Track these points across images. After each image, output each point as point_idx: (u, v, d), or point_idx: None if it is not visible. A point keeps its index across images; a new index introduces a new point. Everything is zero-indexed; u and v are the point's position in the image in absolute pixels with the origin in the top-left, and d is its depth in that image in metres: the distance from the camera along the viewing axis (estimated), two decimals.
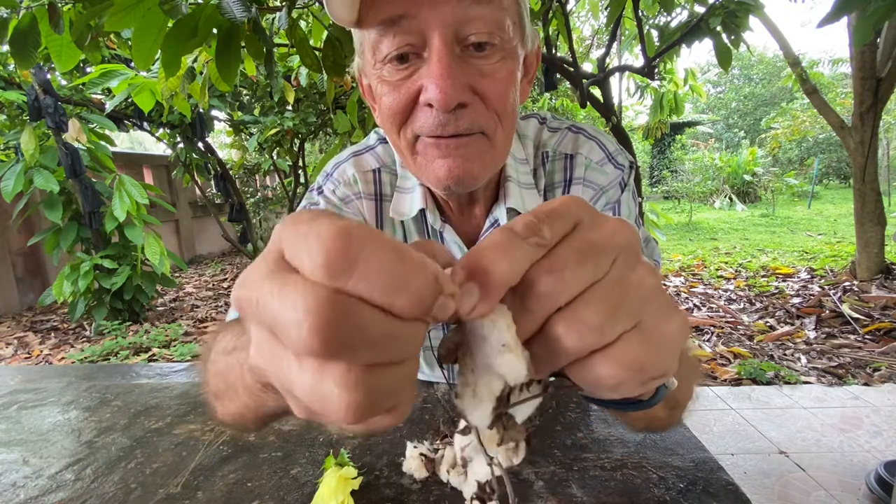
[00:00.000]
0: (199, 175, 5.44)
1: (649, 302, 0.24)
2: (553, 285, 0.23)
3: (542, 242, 0.23)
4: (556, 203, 0.25)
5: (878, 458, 1.76)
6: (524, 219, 0.24)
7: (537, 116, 0.72)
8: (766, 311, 3.48)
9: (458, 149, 0.53)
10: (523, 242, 0.23)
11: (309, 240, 0.18)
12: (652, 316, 0.24)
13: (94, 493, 0.60)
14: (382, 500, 0.56)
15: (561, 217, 0.24)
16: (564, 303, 0.23)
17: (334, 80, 1.90)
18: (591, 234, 0.24)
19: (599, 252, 0.24)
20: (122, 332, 3.70)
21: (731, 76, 25.05)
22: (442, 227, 0.67)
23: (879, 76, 3.48)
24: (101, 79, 2.17)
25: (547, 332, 0.24)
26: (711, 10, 2.41)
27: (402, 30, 0.48)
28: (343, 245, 0.18)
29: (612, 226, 0.25)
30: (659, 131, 5.03)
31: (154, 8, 1.09)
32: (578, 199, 0.26)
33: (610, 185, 0.66)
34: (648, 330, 0.24)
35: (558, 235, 0.24)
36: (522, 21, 0.54)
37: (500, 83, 0.51)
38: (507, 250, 0.22)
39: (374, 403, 0.19)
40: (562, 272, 0.23)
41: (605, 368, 0.24)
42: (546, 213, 0.24)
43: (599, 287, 0.23)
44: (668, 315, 0.25)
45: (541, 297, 0.23)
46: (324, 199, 0.71)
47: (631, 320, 0.24)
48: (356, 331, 0.18)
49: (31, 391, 0.95)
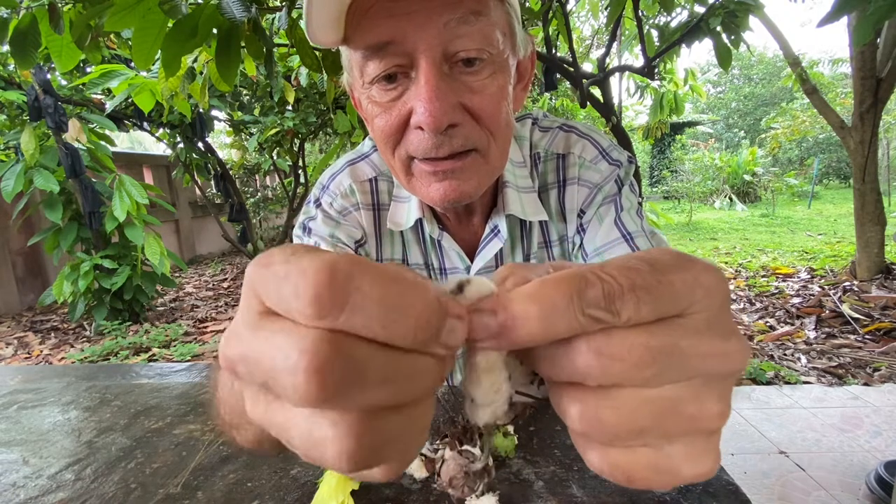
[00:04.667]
0: (199, 175, 5.44)
1: (695, 430, 0.19)
2: (588, 368, 0.18)
3: (607, 321, 0.18)
4: (673, 273, 0.18)
5: (878, 458, 1.76)
6: (608, 279, 0.18)
7: (530, 116, 0.72)
8: (766, 311, 3.48)
9: (454, 173, 0.52)
10: (581, 315, 0.18)
11: (291, 279, 0.17)
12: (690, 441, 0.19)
13: (94, 493, 0.60)
14: (382, 501, 0.56)
15: (666, 299, 0.18)
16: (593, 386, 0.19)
17: (334, 80, 1.90)
18: (688, 341, 0.18)
19: (678, 367, 0.18)
20: (122, 332, 3.70)
21: (731, 76, 25.06)
22: (440, 236, 0.67)
23: (879, 76, 3.48)
24: (101, 79, 2.17)
25: (554, 388, 0.21)
26: (711, 10, 2.41)
27: (388, 53, 0.48)
28: (330, 277, 0.16)
29: (723, 346, 0.19)
30: (659, 131, 5.04)
31: (154, 8, 1.09)
32: (710, 278, 0.19)
33: (605, 182, 0.65)
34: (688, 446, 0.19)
35: (641, 319, 0.18)
36: (513, 30, 0.53)
37: (491, 99, 0.50)
38: (553, 314, 0.18)
39: (374, 451, 0.17)
40: (611, 361, 0.18)
41: (609, 465, 0.20)
42: (650, 284, 0.18)
43: (643, 398, 0.18)
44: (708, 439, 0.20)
45: (565, 366, 0.19)
46: (322, 213, 0.70)
47: (665, 440, 0.19)
48: (356, 371, 0.16)
49: (31, 391, 0.94)
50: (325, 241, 0.67)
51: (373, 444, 0.17)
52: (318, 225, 0.69)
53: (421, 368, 0.18)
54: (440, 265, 0.72)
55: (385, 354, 0.17)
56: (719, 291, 0.19)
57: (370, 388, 0.17)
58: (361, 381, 0.16)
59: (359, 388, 0.16)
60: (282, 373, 0.16)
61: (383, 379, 0.17)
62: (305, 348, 0.16)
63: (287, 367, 0.16)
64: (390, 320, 0.17)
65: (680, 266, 0.19)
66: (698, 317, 0.19)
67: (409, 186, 0.57)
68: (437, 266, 0.72)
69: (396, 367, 0.17)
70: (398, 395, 0.18)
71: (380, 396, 0.17)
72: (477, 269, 0.68)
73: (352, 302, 0.16)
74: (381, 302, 0.16)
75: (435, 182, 0.53)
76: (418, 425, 0.19)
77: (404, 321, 0.17)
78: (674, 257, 0.19)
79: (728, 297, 0.20)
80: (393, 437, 0.18)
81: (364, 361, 0.16)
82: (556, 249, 0.70)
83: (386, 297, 0.16)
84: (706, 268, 0.19)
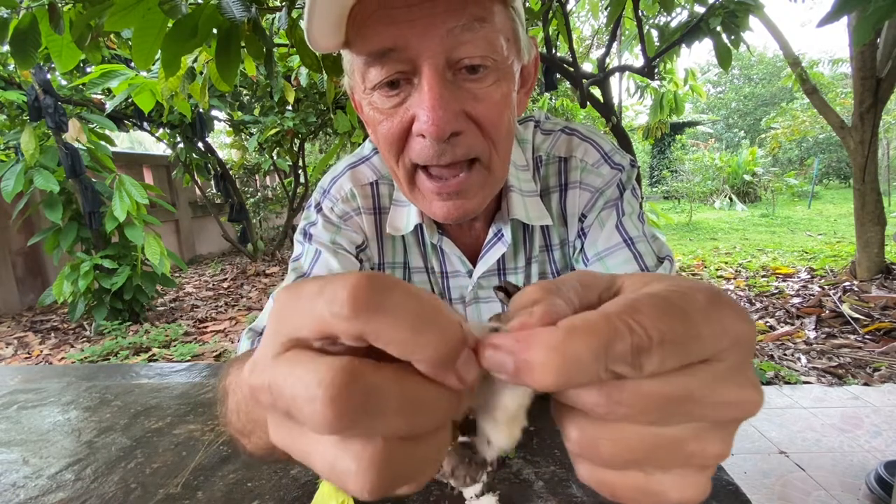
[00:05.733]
0: (199, 175, 5.45)
1: (691, 465, 0.19)
2: (595, 406, 0.18)
3: (630, 376, 0.17)
4: (704, 320, 0.18)
5: (878, 458, 1.76)
6: (639, 330, 0.17)
7: (532, 119, 0.71)
8: (766, 311, 3.48)
9: (458, 194, 0.52)
10: (603, 370, 0.17)
11: (326, 292, 0.18)
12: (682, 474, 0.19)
13: (94, 493, 0.60)
14: (382, 501, 0.55)
15: (693, 351, 0.18)
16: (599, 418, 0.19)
17: (334, 80, 1.90)
18: (704, 390, 0.18)
19: (687, 412, 0.18)
20: (122, 332, 3.70)
21: (731, 76, 25.06)
22: (440, 241, 0.66)
23: (879, 76, 3.48)
24: (101, 79, 2.17)
25: (557, 403, 0.21)
26: (711, 10, 2.41)
27: (391, 59, 0.47)
28: (368, 282, 0.17)
29: (738, 394, 0.19)
30: (659, 131, 5.04)
31: (154, 8, 1.09)
32: (741, 328, 0.18)
33: (607, 186, 0.64)
34: (680, 477, 0.19)
35: (663, 371, 0.18)
36: (517, 35, 0.52)
37: (495, 108, 0.50)
38: (575, 369, 0.17)
39: (394, 480, 0.18)
40: (619, 405, 0.18)
41: (597, 480, 0.20)
42: (679, 337, 0.17)
43: (645, 434, 0.18)
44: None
45: (570, 396, 0.19)
46: (322, 218, 0.69)
47: (655, 469, 0.19)
48: (372, 399, 0.17)
49: (31, 391, 0.94)
50: (327, 247, 0.67)
51: (393, 476, 0.18)
52: (319, 230, 0.68)
53: (435, 398, 0.18)
54: (441, 269, 0.71)
55: (400, 384, 0.17)
56: (747, 341, 0.19)
57: (386, 417, 0.17)
58: (377, 410, 0.17)
59: (375, 417, 0.17)
60: (303, 401, 0.17)
61: (398, 408, 0.17)
62: (323, 377, 0.17)
63: (307, 397, 0.17)
64: (417, 332, 0.17)
65: (712, 311, 0.18)
66: (720, 365, 0.18)
67: (411, 197, 0.57)
68: (438, 270, 0.72)
69: (411, 396, 0.18)
70: (414, 425, 0.18)
71: (396, 425, 0.17)
72: (479, 274, 0.68)
73: (385, 307, 0.17)
74: (411, 312, 0.17)
75: (438, 200, 0.53)
76: (435, 454, 0.19)
77: (430, 335, 0.17)
78: (707, 299, 0.18)
79: (754, 345, 0.20)
80: (412, 467, 0.19)
81: (380, 390, 0.17)
82: (556, 253, 0.69)
83: (417, 308, 0.17)
84: (738, 315, 0.19)
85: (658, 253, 0.63)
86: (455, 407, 0.19)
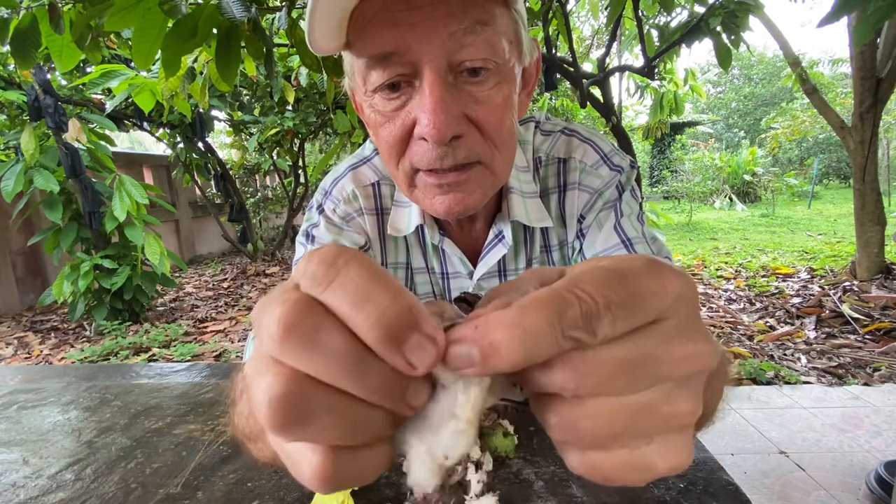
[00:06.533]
0: (199, 175, 5.45)
1: (669, 429, 0.20)
2: (564, 383, 0.19)
3: (586, 341, 0.19)
4: (644, 283, 0.19)
5: (878, 458, 1.76)
6: (585, 297, 0.18)
7: (533, 119, 0.71)
8: (766, 311, 3.48)
9: (458, 185, 0.52)
10: (561, 337, 0.18)
11: (299, 267, 0.20)
12: (664, 440, 0.20)
13: (94, 493, 0.60)
14: (382, 501, 0.56)
15: (639, 312, 0.19)
16: (570, 397, 0.20)
17: (334, 80, 1.90)
18: (659, 349, 0.19)
19: (650, 374, 0.19)
20: (122, 332, 3.70)
21: (731, 76, 25.07)
22: (441, 242, 0.66)
23: (879, 76, 3.48)
24: (101, 79, 2.18)
25: (534, 397, 0.22)
26: (711, 10, 2.41)
27: (392, 62, 0.46)
28: (333, 255, 0.19)
29: (693, 348, 0.20)
30: (659, 131, 5.04)
31: (154, 8, 1.09)
32: (679, 284, 0.20)
33: (606, 187, 0.64)
34: (662, 444, 0.20)
35: (617, 334, 0.19)
36: (519, 37, 0.51)
37: (496, 110, 0.49)
38: (535, 340, 0.18)
39: (341, 481, 0.20)
40: (585, 377, 0.19)
41: (587, 466, 0.21)
42: (623, 299, 0.19)
43: (618, 405, 0.19)
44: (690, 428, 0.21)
45: (541, 380, 0.20)
46: (325, 219, 0.69)
47: (640, 441, 0.20)
48: (312, 408, 0.18)
49: (31, 391, 0.95)
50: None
51: (339, 477, 0.20)
52: (322, 232, 0.69)
53: (368, 415, 0.20)
54: (442, 270, 0.72)
55: (338, 399, 0.19)
56: (688, 297, 0.20)
57: (325, 428, 0.19)
58: (315, 422, 0.19)
59: (314, 428, 0.19)
60: (257, 405, 0.19)
61: (331, 423, 0.19)
62: (270, 384, 0.18)
63: (258, 402, 0.19)
64: (360, 306, 0.18)
65: (650, 274, 0.20)
66: (669, 322, 0.20)
67: (412, 197, 0.57)
68: (440, 271, 0.72)
69: (343, 412, 0.19)
70: (348, 438, 0.20)
71: (332, 436, 0.19)
72: (480, 275, 0.68)
73: (338, 280, 0.19)
74: (359, 288, 0.19)
75: (439, 195, 0.53)
76: (377, 462, 0.21)
77: (372, 311, 0.18)
78: (644, 265, 0.20)
79: (697, 301, 0.21)
80: (356, 471, 0.21)
81: (319, 401, 0.19)
82: (556, 254, 0.70)
83: (365, 285, 0.19)
84: (676, 274, 0.20)
85: (657, 254, 0.63)
86: (389, 423, 0.20)
